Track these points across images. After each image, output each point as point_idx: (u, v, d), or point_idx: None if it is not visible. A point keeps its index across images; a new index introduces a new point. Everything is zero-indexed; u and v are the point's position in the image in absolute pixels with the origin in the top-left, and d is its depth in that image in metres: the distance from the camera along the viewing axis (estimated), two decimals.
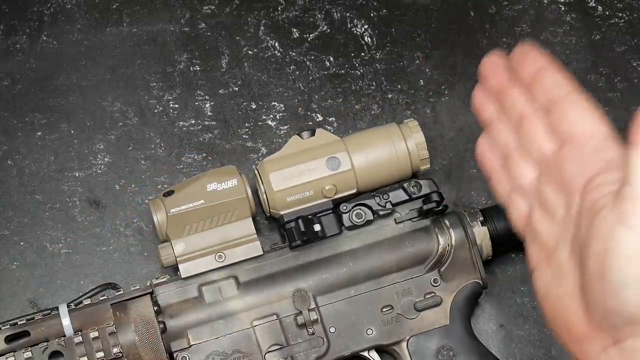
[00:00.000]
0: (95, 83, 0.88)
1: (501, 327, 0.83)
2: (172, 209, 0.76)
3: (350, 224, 0.78)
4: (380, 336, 0.77)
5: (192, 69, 0.88)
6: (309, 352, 0.76)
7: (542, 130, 0.62)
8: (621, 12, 0.90)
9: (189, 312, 0.76)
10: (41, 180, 0.85)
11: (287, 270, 0.78)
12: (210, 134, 0.87)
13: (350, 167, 0.78)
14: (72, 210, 0.85)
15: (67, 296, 0.83)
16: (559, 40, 0.89)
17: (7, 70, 0.88)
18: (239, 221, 0.77)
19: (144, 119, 0.87)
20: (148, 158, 0.86)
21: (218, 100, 0.88)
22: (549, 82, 0.61)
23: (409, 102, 0.88)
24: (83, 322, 0.75)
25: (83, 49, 0.89)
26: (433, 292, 0.78)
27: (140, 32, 0.89)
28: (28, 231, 0.84)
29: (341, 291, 0.77)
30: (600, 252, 0.56)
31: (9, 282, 0.83)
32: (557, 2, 0.90)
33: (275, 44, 0.89)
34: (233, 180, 0.77)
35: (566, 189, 0.61)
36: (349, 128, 0.87)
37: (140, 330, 0.75)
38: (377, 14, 0.90)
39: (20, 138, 0.86)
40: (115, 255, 0.84)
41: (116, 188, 0.85)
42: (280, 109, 0.87)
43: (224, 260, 0.77)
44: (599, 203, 0.57)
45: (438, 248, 0.78)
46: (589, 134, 0.60)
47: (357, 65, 0.89)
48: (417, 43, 0.90)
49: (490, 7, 0.90)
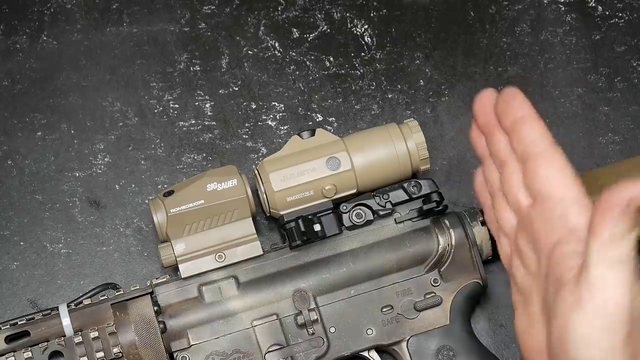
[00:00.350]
0: (95, 83, 0.88)
1: (501, 327, 0.83)
2: (172, 209, 0.76)
3: (350, 224, 0.78)
4: (380, 336, 0.77)
5: (192, 69, 0.88)
6: (309, 352, 0.76)
7: (519, 181, 0.61)
8: (621, 12, 0.90)
9: (189, 312, 0.76)
10: (41, 180, 0.85)
11: (287, 270, 0.78)
12: (210, 134, 0.87)
13: (350, 167, 0.78)
14: (72, 210, 0.85)
15: (67, 296, 0.83)
16: (559, 40, 0.89)
17: (7, 70, 0.88)
18: (239, 221, 0.77)
19: (144, 119, 0.87)
20: (148, 158, 0.86)
21: (218, 100, 0.88)
22: (526, 135, 0.59)
23: (409, 102, 0.88)
24: (83, 322, 0.75)
25: (83, 49, 0.89)
26: (433, 292, 0.78)
27: (140, 32, 0.89)
28: (28, 231, 0.84)
29: (341, 291, 0.77)
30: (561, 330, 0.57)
31: (9, 282, 0.83)
32: (557, 2, 0.90)
33: (275, 44, 0.89)
34: (233, 180, 0.77)
35: (536, 247, 0.61)
36: (349, 128, 0.87)
37: (140, 330, 0.75)
38: (377, 14, 0.90)
39: (20, 138, 0.86)
40: (115, 255, 0.84)
41: (116, 188, 0.85)
42: (280, 109, 0.87)
43: (224, 260, 0.77)
44: (563, 278, 0.57)
45: (438, 248, 0.78)
46: (557, 198, 0.58)
47: (357, 65, 0.89)
48: (417, 43, 0.90)
49: (490, 7, 0.90)
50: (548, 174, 0.58)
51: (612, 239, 0.54)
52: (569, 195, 0.58)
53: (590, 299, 0.55)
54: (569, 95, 0.88)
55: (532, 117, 0.60)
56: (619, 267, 0.54)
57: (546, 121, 0.87)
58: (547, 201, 0.59)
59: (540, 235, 0.59)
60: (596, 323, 0.55)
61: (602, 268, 0.54)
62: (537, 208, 0.59)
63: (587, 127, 0.87)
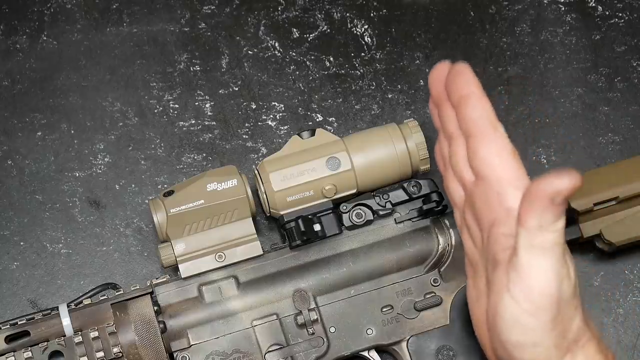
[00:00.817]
0: (95, 83, 0.88)
1: None
2: (172, 209, 0.76)
3: (350, 224, 0.78)
4: (380, 336, 0.77)
5: (192, 69, 0.88)
6: (309, 351, 0.76)
7: (464, 157, 0.61)
8: (621, 12, 0.90)
9: (189, 312, 0.76)
10: (41, 180, 0.85)
11: (287, 270, 0.78)
12: (210, 134, 0.87)
13: (350, 167, 0.78)
14: (72, 210, 0.85)
15: (67, 296, 0.83)
16: (559, 40, 0.89)
17: (7, 70, 0.88)
18: (239, 221, 0.77)
19: (144, 119, 0.87)
20: (148, 158, 0.86)
21: (218, 100, 0.88)
22: (469, 113, 0.59)
23: (409, 102, 0.88)
24: (83, 322, 0.75)
25: (83, 49, 0.88)
26: (433, 292, 0.78)
27: (140, 32, 0.89)
28: (28, 231, 0.84)
29: (341, 291, 0.77)
30: (494, 307, 0.58)
31: (9, 282, 0.83)
32: (557, 2, 0.90)
33: (275, 44, 0.89)
34: (233, 180, 0.77)
35: (480, 224, 0.61)
36: (349, 128, 0.87)
37: (140, 330, 0.75)
38: (377, 14, 0.90)
39: (20, 138, 0.86)
40: (115, 255, 0.84)
41: (116, 188, 0.85)
42: (280, 109, 0.87)
43: (224, 260, 0.77)
44: (498, 257, 0.58)
45: (438, 248, 0.78)
46: (495, 178, 0.58)
47: (357, 65, 0.89)
48: (417, 43, 0.90)
49: (490, 7, 0.90)
50: (486, 154, 0.58)
51: (539, 228, 0.55)
52: (506, 176, 0.58)
53: (518, 282, 0.56)
54: (569, 95, 0.88)
55: (475, 96, 0.59)
56: (546, 253, 0.55)
57: (546, 121, 0.88)
58: (486, 180, 0.59)
59: (481, 212, 0.60)
60: (523, 306, 0.56)
61: (529, 254, 0.55)
62: (478, 186, 0.60)
63: (587, 127, 0.87)
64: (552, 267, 0.55)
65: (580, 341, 0.59)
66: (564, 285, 0.56)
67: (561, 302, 0.56)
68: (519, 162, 0.59)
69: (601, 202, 0.78)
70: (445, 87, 0.61)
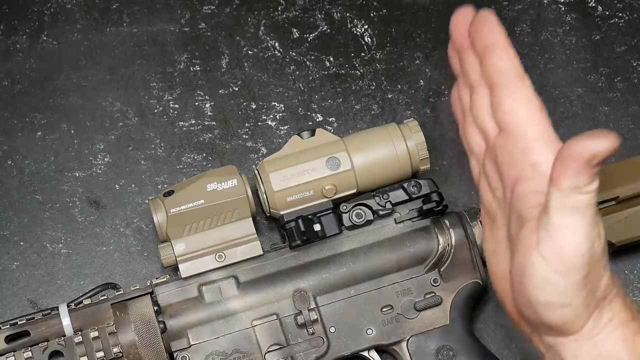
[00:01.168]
0: (95, 83, 0.88)
1: (501, 327, 0.83)
2: (172, 209, 0.76)
3: (350, 224, 0.78)
4: (380, 336, 0.77)
5: (192, 69, 0.88)
6: (309, 351, 0.76)
7: (487, 108, 0.59)
8: (621, 12, 0.90)
9: (189, 312, 0.76)
10: (41, 180, 0.85)
11: (287, 270, 0.78)
12: (210, 134, 0.87)
13: (350, 167, 0.78)
14: (72, 210, 0.85)
15: (67, 296, 0.83)
16: (559, 40, 0.90)
17: (7, 70, 0.88)
18: (239, 221, 0.77)
19: (144, 119, 0.87)
20: (148, 158, 0.86)
21: (218, 100, 0.88)
22: (495, 62, 0.57)
23: (409, 102, 0.88)
24: (83, 322, 0.75)
25: (83, 49, 0.89)
26: (433, 292, 0.78)
27: (140, 32, 0.89)
28: (28, 231, 0.84)
29: (341, 291, 0.77)
30: (522, 267, 0.57)
31: (9, 282, 0.83)
32: (557, 2, 0.90)
33: (275, 44, 0.89)
34: (233, 180, 0.77)
35: (501, 176, 0.59)
36: (349, 128, 0.87)
37: (140, 330, 0.75)
38: (377, 14, 0.90)
39: (20, 138, 0.86)
40: (115, 255, 0.84)
41: (116, 188, 0.85)
42: (280, 109, 0.87)
43: (224, 260, 0.77)
44: (525, 215, 0.56)
45: (438, 248, 0.78)
46: (520, 132, 0.57)
47: (357, 65, 0.89)
48: (417, 43, 0.90)
49: (490, 7, 0.90)
50: (512, 107, 0.57)
51: (572, 189, 0.53)
52: (532, 131, 0.57)
53: (549, 242, 0.54)
54: (569, 95, 0.88)
55: (501, 46, 0.57)
56: (578, 214, 0.54)
57: None
58: (510, 134, 0.57)
59: (504, 167, 0.58)
60: (554, 266, 0.54)
61: (562, 215, 0.54)
62: (502, 139, 0.58)
63: (587, 127, 0.87)
64: (584, 228, 0.54)
65: (607, 298, 0.57)
66: (596, 245, 0.55)
67: (592, 262, 0.55)
68: (546, 118, 0.57)
69: (601, 202, 0.78)
70: (469, 35, 0.59)
